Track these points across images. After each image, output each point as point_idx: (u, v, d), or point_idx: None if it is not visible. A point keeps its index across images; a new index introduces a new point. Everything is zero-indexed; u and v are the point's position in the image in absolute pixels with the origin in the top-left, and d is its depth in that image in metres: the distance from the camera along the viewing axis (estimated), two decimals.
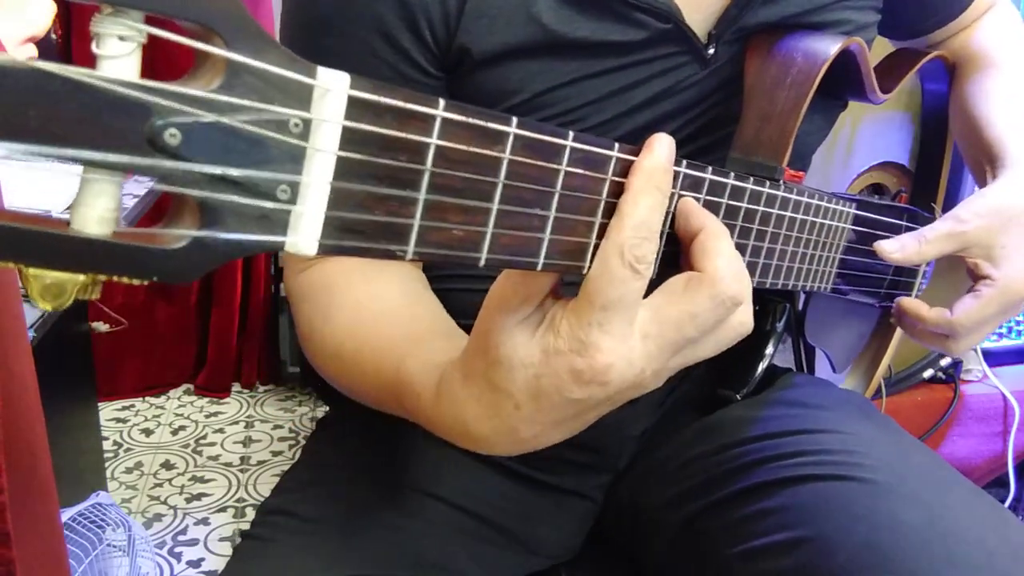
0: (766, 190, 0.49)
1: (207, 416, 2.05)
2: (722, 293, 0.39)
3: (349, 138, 0.26)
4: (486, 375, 0.40)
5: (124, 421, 2.01)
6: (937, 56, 0.80)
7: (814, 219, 0.57)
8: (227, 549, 1.56)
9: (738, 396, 0.72)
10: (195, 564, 1.52)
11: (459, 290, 0.64)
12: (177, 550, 1.55)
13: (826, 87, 0.63)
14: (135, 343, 2.05)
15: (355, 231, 0.27)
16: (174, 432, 1.97)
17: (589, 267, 0.38)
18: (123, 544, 1.29)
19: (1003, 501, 1.51)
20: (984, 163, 0.72)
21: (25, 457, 0.59)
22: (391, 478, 0.66)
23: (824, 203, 0.59)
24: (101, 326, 1.54)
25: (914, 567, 0.52)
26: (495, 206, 0.32)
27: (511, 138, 0.32)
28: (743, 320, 0.42)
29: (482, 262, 0.32)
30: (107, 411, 2.02)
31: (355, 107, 0.26)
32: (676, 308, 0.39)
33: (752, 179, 0.48)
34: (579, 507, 0.74)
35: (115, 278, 0.22)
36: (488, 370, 0.40)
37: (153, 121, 0.22)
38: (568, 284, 0.40)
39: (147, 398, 2.12)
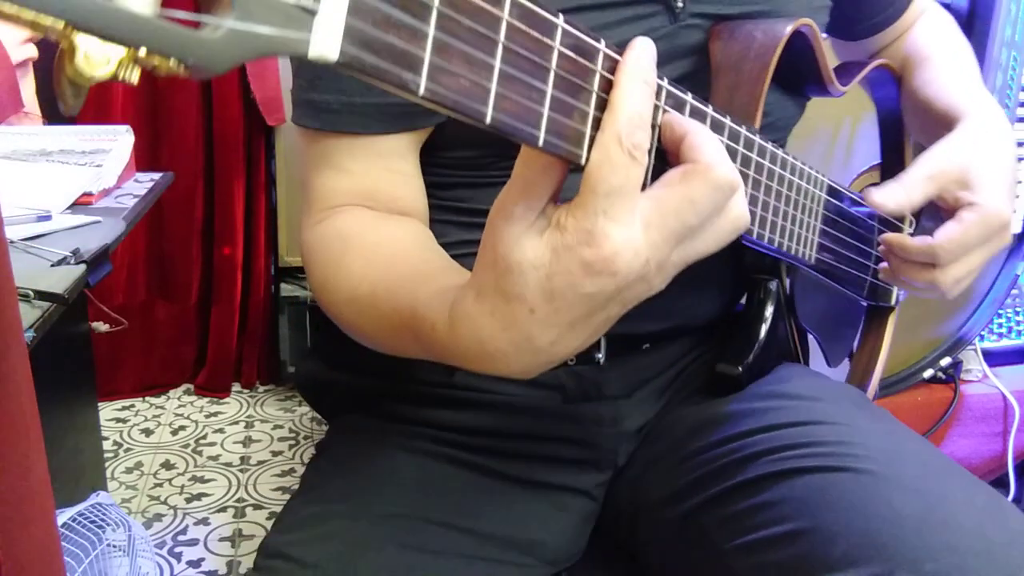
0: (743, 131, 0.51)
1: (207, 416, 2.05)
2: (718, 178, 0.41)
3: None
4: (498, 286, 0.41)
5: (124, 421, 2.01)
6: (882, 64, 0.84)
7: (791, 177, 0.59)
8: (227, 549, 1.56)
9: (739, 368, 0.72)
10: (195, 564, 1.52)
11: (471, 256, 0.65)
12: (177, 550, 1.55)
13: (786, 80, 0.65)
14: (135, 343, 2.05)
15: (373, 48, 0.29)
16: (174, 432, 1.97)
17: (587, 158, 0.39)
18: (123, 544, 1.29)
19: None
20: (944, 132, 0.74)
21: (17, 460, 0.59)
22: (387, 507, 0.66)
23: (799, 164, 0.60)
24: (101, 326, 1.54)
25: (912, 556, 0.53)
26: (497, 64, 0.34)
27: (508, 1, 0.34)
28: (740, 213, 0.44)
29: (488, 119, 0.34)
30: (107, 411, 2.02)
31: None
32: (675, 196, 0.41)
33: (729, 117, 0.50)
34: (581, 507, 0.74)
35: (154, 59, 0.25)
36: (499, 280, 0.41)
37: None
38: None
39: (147, 398, 2.12)
